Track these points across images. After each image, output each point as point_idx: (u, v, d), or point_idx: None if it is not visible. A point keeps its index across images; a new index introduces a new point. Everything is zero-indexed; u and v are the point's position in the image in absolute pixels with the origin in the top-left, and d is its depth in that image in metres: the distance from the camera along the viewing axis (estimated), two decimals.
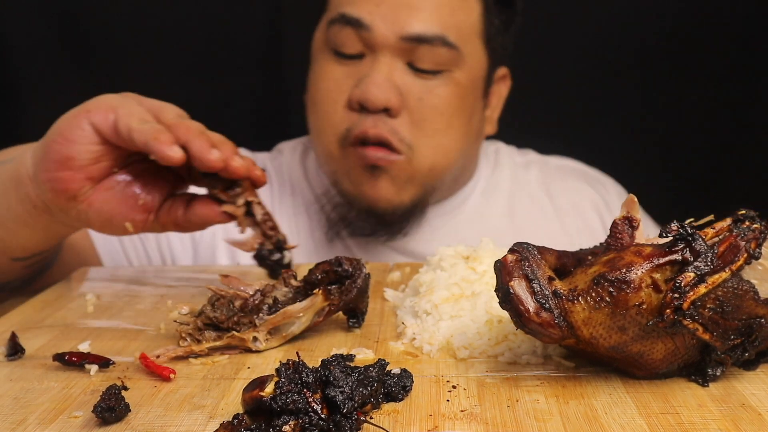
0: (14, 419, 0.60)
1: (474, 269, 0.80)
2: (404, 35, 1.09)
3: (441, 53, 1.10)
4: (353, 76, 1.12)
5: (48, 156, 0.81)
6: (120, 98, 0.84)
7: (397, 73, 1.11)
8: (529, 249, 0.63)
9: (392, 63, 1.10)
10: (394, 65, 1.11)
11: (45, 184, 0.83)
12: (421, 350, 0.73)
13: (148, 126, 0.79)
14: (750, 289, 0.62)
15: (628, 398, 0.62)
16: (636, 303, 0.60)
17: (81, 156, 0.81)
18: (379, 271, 1.01)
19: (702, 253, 0.61)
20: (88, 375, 0.68)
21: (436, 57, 1.10)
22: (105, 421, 0.58)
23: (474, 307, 0.76)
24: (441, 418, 0.59)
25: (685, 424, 0.57)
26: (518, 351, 0.70)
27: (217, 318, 0.73)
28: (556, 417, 0.59)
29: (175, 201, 0.87)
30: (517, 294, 0.61)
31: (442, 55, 1.10)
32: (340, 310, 0.77)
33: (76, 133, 0.81)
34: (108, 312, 0.86)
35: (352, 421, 0.55)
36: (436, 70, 1.11)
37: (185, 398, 0.63)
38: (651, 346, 0.62)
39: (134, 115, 0.80)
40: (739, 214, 0.66)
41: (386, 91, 1.09)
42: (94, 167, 0.82)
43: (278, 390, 0.54)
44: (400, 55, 1.10)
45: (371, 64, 1.11)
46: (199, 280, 0.98)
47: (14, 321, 0.83)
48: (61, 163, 0.81)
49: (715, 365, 0.64)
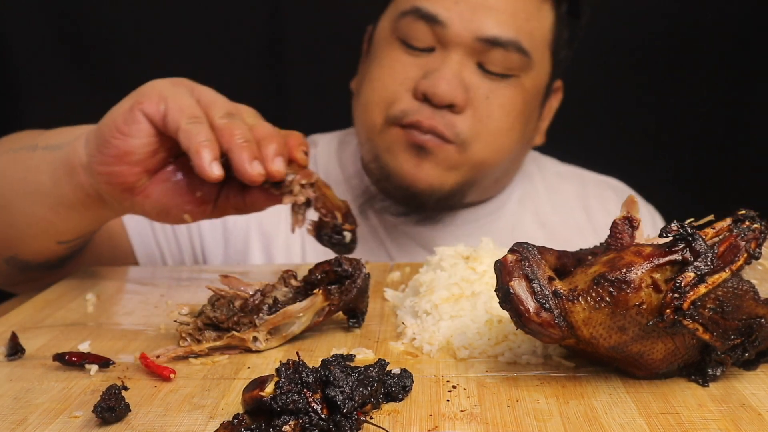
0: (14, 419, 0.60)
1: (474, 269, 0.80)
2: (480, 36, 1.08)
3: (513, 58, 1.09)
4: (422, 68, 1.11)
5: (105, 151, 0.81)
6: (171, 86, 0.82)
7: (466, 71, 1.09)
8: (529, 249, 0.63)
9: (463, 61, 1.09)
10: (465, 63, 1.10)
11: (101, 177, 0.82)
12: (421, 350, 0.73)
13: (197, 130, 0.77)
14: (750, 289, 0.62)
15: (628, 398, 0.62)
16: (636, 303, 0.60)
17: (139, 150, 0.80)
18: (379, 271, 1.01)
19: (702, 253, 0.61)
20: (88, 375, 0.68)
21: (508, 61, 1.10)
22: (105, 421, 0.58)
23: (474, 307, 0.76)
24: (441, 418, 0.59)
25: (685, 424, 0.57)
26: (518, 351, 0.70)
27: (217, 318, 0.73)
28: (556, 417, 0.59)
29: (230, 187, 0.86)
30: (517, 294, 0.61)
31: (513, 60, 1.10)
32: (340, 310, 0.77)
33: (133, 127, 0.80)
34: (108, 312, 0.86)
35: (352, 421, 0.55)
36: (506, 74, 1.11)
37: (185, 398, 0.63)
38: (651, 346, 0.62)
39: (184, 110, 0.79)
40: (739, 214, 0.65)
41: (455, 87, 1.07)
42: (151, 160, 0.82)
43: (278, 390, 0.54)
44: (471, 54, 1.10)
45: (442, 59, 1.10)
46: (199, 280, 0.98)
47: (14, 321, 0.83)
48: (118, 157, 0.81)
49: (715, 365, 0.64)
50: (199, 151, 0.76)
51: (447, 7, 1.08)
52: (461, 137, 1.10)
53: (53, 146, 0.90)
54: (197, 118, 0.78)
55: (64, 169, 0.86)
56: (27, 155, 0.92)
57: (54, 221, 0.91)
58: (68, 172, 0.85)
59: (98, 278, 0.99)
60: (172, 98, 0.79)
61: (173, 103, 0.79)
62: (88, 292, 0.93)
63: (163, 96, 0.80)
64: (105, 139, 0.81)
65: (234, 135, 0.78)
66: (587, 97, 1.67)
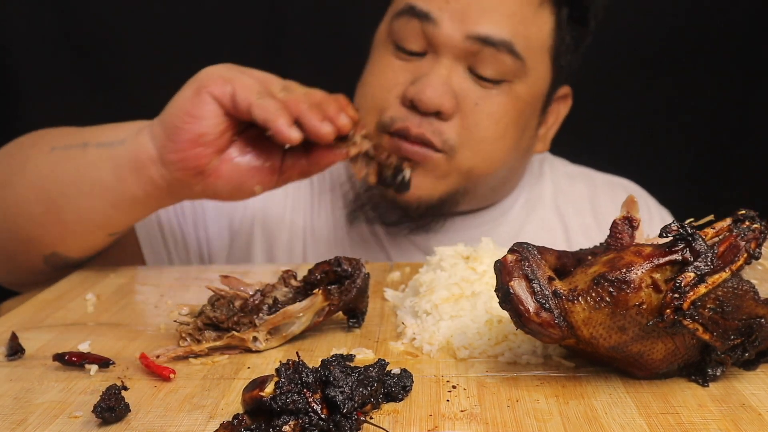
0: (14, 419, 0.60)
1: (474, 269, 0.80)
2: (471, 34, 1.06)
3: (505, 61, 1.07)
4: (412, 72, 1.09)
5: (177, 137, 0.86)
6: (227, 69, 0.88)
7: (456, 77, 1.08)
8: (529, 249, 0.63)
9: (453, 66, 1.08)
10: (455, 69, 1.08)
11: (175, 164, 0.87)
12: (421, 350, 0.73)
13: (268, 103, 0.84)
14: (750, 289, 0.62)
15: (628, 398, 0.62)
16: (636, 303, 0.60)
17: (211, 130, 0.86)
18: (379, 271, 1.01)
19: (702, 253, 0.61)
20: (88, 375, 0.68)
21: (499, 65, 1.07)
22: (105, 421, 0.58)
23: (474, 307, 0.76)
24: (441, 418, 0.59)
25: (685, 424, 0.57)
26: (518, 351, 0.70)
27: (217, 318, 0.73)
28: (556, 417, 0.59)
29: (293, 154, 0.92)
30: (517, 294, 0.61)
31: (505, 64, 1.07)
32: (340, 310, 0.77)
33: (204, 108, 0.85)
34: (108, 312, 0.86)
35: (352, 421, 0.55)
36: (497, 79, 1.08)
37: (185, 398, 0.63)
38: (651, 346, 0.62)
39: (251, 88, 0.84)
40: (739, 214, 0.65)
41: (442, 94, 1.06)
42: (221, 139, 0.87)
43: (278, 390, 0.54)
44: (462, 58, 1.08)
45: (431, 65, 1.08)
46: (199, 280, 0.98)
47: (14, 321, 0.83)
48: (193, 141, 0.86)
49: (715, 365, 0.64)
50: (278, 118, 0.83)
51: (439, 6, 1.07)
52: (449, 144, 1.08)
53: (108, 143, 0.92)
54: (264, 92, 0.85)
55: (129, 166, 0.89)
56: (78, 153, 0.94)
57: (113, 215, 0.95)
58: (135, 168, 0.89)
59: (98, 278, 0.99)
60: (236, 79, 0.85)
61: (239, 83, 0.85)
62: (88, 292, 0.93)
63: (227, 77, 0.85)
64: (175, 126, 0.86)
65: (299, 102, 0.85)
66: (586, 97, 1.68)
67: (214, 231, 1.23)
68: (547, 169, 1.34)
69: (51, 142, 0.99)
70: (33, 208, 0.96)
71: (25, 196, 0.96)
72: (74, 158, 0.94)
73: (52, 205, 0.95)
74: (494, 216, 1.26)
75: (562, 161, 1.39)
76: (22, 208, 0.97)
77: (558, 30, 1.13)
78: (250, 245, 1.23)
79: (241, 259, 1.22)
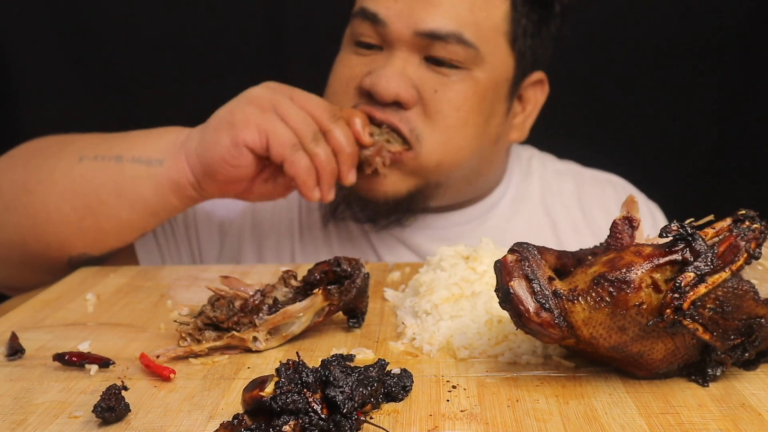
0: (14, 419, 0.60)
1: (474, 269, 0.80)
2: (418, 31, 1.07)
3: (457, 51, 1.08)
4: (368, 65, 1.11)
5: (216, 178, 1.00)
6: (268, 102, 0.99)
7: (411, 66, 1.09)
8: (529, 249, 0.63)
9: (408, 57, 1.09)
10: (410, 59, 1.09)
11: (213, 194, 1.04)
12: (421, 350, 0.73)
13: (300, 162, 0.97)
14: (750, 289, 0.62)
15: (628, 398, 0.62)
16: (636, 303, 0.60)
17: (247, 174, 1.00)
18: (379, 271, 1.01)
19: (702, 253, 0.61)
20: (88, 375, 0.68)
21: (452, 54, 1.08)
22: (105, 421, 0.58)
23: (474, 307, 0.76)
24: (441, 418, 0.59)
25: (685, 424, 0.57)
26: (518, 351, 0.70)
27: (217, 318, 0.73)
28: (556, 417, 0.59)
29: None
30: (517, 294, 0.61)
31: (458, 53, 1.08)
32: (339, 310, 0.77)
33: (241, 159, 0.98)
34: (108, 312, 0.86)
35: (352, 421, 0.55)
36: (454, 65, 1.09)
37: (185, 398, 0.63)
38: (651, 346, 0.62)
39: (285, 142, 0.97)
40: (739, 214, 0.65)
41: (398, 83, 1.07)
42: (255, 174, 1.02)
43: (278, 390, 0.54)
44: (416, 50, 1.09)
45: (387, 57, 1.10)
46: (199, 280, 0.98)
47: (14, 321, 0.83)
48: (229, 183, 1.02)
49: (715, 365, 0.64)
50: (305, 181, 0.99)
51: (387, 6, 1.08)
52: (415, 133, 1.08)
53: (145, 161, 1.02)
54: (295, 146, 0.98)
55: (170, 187, 1.02)
56: (112, 165, 1.03)
57: (150, 221, 1.06)
58: (176, 189, 1.02)
59: (98, 278, 0.99)
60: (272, 130, 0.97)
61: (273, 135, 0.97)
62: (88, 292, 0.93)
63: (263, 128, 0.97)
64: (214, 170, 0.99)
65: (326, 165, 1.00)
66: (586, 97, 1.68)
67: (205, 232, 1.25)
68: (535, 166, 1.35)
69: (76, 151, 1.05)
70: (67, 216, 1.02)
71: (56, 203, 1.03)
72: (109, 170, 1.02)
73: (88, 212, 1.03)
74: (482, 211, 1.26)
75: (550, 157, 1.39)
76: (52, 215, 1.03)
77: (513, 14, 1.12)
78: (240, 245, 1.24)
79: (232, 259, 1.23)
